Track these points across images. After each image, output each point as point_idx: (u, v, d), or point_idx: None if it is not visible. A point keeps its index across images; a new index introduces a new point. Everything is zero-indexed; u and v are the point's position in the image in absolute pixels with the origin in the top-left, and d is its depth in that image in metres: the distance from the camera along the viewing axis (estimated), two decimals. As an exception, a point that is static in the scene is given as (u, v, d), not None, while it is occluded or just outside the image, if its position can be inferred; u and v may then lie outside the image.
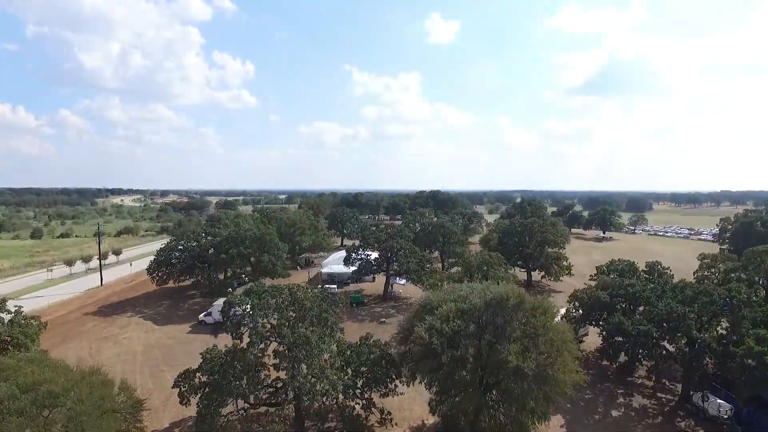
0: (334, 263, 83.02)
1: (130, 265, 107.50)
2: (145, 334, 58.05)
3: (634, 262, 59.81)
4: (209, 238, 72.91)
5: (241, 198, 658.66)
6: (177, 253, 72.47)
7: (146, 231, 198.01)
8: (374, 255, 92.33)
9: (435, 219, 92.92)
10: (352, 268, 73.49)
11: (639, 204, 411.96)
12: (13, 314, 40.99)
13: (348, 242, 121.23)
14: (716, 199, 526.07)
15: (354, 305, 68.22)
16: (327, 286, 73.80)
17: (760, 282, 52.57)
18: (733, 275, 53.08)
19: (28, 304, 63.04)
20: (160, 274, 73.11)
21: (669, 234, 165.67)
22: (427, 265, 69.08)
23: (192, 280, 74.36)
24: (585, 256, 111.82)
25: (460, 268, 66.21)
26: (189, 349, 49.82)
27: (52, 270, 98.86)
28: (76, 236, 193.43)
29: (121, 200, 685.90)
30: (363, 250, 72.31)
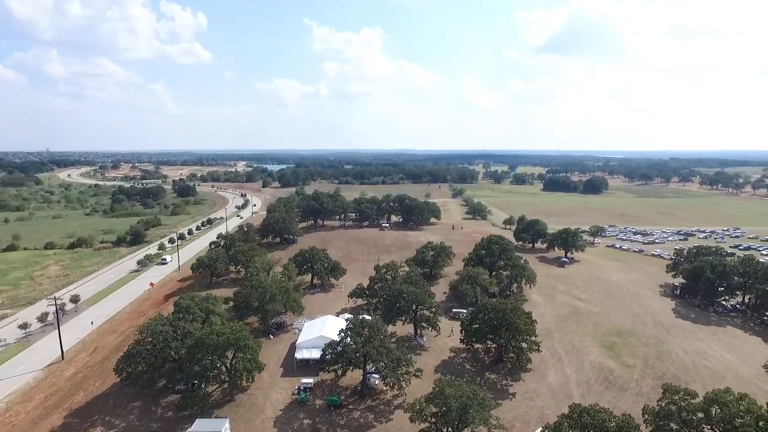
0: (308, 343, 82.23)
1: (92, 323, 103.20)
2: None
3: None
4: (178, 340, 70.65)
5: (199, 173, 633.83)
6: (146, 356, 69.95)
7: (102, 243, 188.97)
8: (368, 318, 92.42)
9: (403, 286, 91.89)
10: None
11: (595, 186, 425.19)
12: None
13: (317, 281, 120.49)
14: (667, 168, 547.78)
15: (331, 407, 68.62)
16: (303, 381, 73.59)
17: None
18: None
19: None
20: (128, 372, 70.95)
21: (625, 247, 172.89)
22: (403, 365, 69.57)
23: (164, 380, 72.80)
24: (549, 302, 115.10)
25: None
26: None
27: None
28: (25, 248, 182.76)
29: (68, 175, 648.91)
30: (342, 345, 71.47)
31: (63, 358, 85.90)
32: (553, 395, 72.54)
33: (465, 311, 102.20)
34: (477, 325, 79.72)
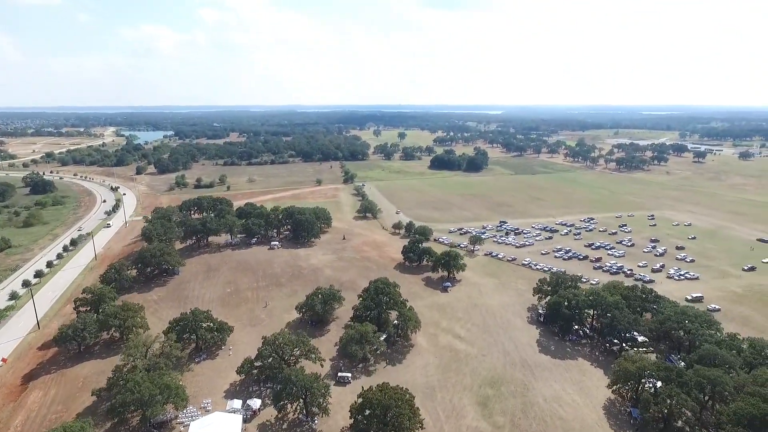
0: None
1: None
2: None
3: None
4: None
5: (58, 149, 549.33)
6: None
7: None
8: (257, 402, 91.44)
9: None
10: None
11: (477, 164, 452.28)
12: None
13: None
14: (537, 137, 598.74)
15: None
16: None
17: None
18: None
19: None
20: None
21: (501, 255, 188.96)
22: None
23: None
24: (432, 345, 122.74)
25: None
26: None
27: None
28: None
29: None
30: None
31: None
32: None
33: (350, 374, 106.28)
34: (365, 422, 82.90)
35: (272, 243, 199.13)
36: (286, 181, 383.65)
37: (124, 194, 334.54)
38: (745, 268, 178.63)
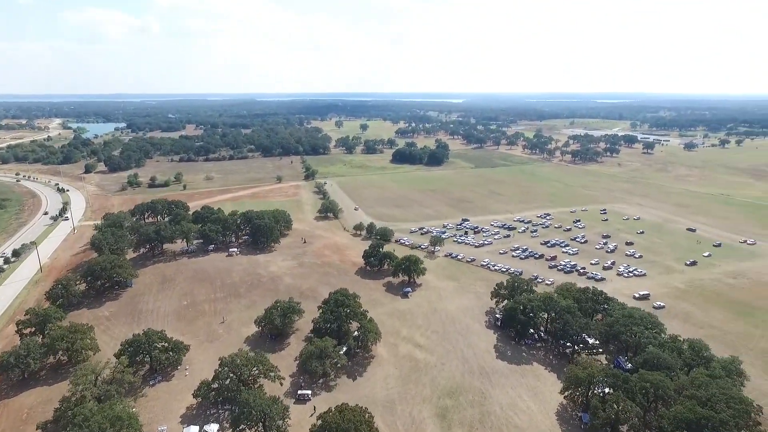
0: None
1: None
2: None
3: None
4: None
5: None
6: None
7: None
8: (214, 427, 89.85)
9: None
10: None
11: (438, 158, 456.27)
12: None
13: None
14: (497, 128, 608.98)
15: None
16: None
17: None
18: None
19: None
20: None
21: (460, 256, 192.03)
22: None
23: None
24: (392, 356, 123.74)
25: None
26: None
27: None
28: None
29: None
30: None
31: None
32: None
33: (310, 392, 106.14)
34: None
35: (230, 249, 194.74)
36: (246, 178, 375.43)
37: (68, 191, 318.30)
38: (688, 262, 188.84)
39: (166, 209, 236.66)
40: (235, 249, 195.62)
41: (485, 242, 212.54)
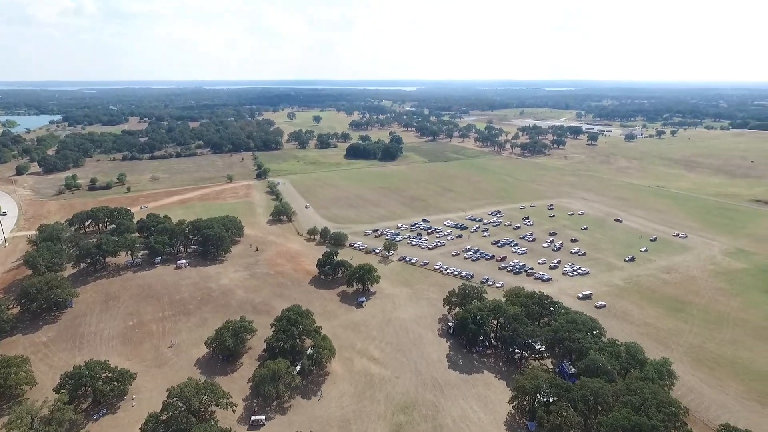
0: None
1: None
2: None
3: None
4: None
5: None
6: None
7: None
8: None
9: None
10: None
11: (392, 153, 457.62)
12: None
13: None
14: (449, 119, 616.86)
15: None
16: None
17: None
18: None
19: None
20: None
21: (414, 260, 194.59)
22: None
23: None
24: (347, 371, 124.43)
25: None
26: None
27: None
28: None
29: None
30: None
31: None
32: None
33: (264, 416, 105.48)
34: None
35: (179, 261, 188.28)
36: (194, 178, 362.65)
37: (1, 203, 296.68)
38: (627, 258, 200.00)
39: (108, 217, 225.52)
40: (184, 261, 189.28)
41: (438, 243, 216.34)
